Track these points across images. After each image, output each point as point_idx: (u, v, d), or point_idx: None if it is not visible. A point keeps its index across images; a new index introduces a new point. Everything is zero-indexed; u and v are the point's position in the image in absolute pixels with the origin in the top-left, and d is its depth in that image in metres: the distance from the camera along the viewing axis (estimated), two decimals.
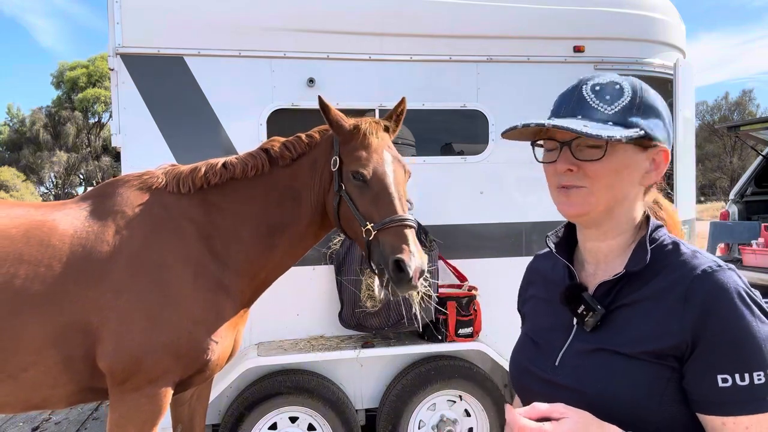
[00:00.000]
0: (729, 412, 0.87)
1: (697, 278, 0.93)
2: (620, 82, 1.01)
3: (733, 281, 0.91)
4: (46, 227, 2.14)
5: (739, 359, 0.87)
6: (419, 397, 3.39)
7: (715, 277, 0.92)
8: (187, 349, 2.14)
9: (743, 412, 0.86)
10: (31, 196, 31.23)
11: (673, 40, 4.04)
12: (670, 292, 0.95)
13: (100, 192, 2.34)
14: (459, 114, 3.63)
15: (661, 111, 1.02)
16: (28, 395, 2.11)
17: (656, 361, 0.93)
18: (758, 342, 0.87)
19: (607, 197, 1.00)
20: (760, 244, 6.09)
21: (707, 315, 0.90)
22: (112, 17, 3.10)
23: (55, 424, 4.85)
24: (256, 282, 2.39)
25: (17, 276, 2.03)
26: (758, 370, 0.86)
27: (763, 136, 7.40)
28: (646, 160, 1.01)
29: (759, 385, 0.86)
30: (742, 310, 0.89)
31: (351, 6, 3.41)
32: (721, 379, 0.87)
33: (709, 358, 0.89)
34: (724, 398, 0.88)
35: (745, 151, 30.68)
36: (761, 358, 0.87)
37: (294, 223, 2.35)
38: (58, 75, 34.56)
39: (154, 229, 2.21)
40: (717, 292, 0.91)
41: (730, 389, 0.87)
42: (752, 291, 0.92)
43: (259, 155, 2.36)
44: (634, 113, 0.99)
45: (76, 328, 2.06)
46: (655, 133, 1.00)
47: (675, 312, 0.93)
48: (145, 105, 3.18)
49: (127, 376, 2.08)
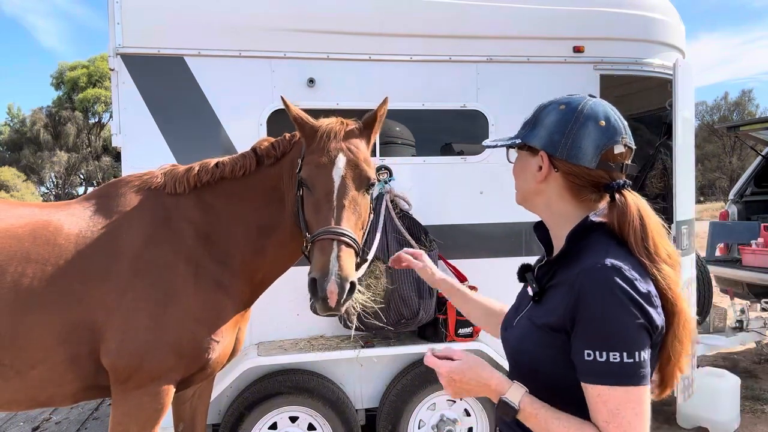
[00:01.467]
0: (589, 381, 1.10)
1: (581, 272, 1.14)
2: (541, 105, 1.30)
3: (609, 275, 1.10)
4: (52, 227, 2.17)
5: (599, 340, 1.08)
6: (419, 397, 3.39)
7: (593, 273, 1.12)
8: (189, 348, 2.17)
9: (597, 382, 1.08)
10: (32, 196, 31.23)
11: (673, 41, 4.04)
12: (570, 280, 1.16)
13: (104, 192, 2.37)
14: (459, 114, 3.63)
15: (548, 123, 1.26)
16: (34, 393, 2.13)
17: (551, 332, 1.17)
18: (618, 329, 1.07)
19: (520, 190, 1.35)
20: (759, 244, 6.08)
21: (580, 301, 1.11)
22: (113, 17, 3.11)
23: (56, 423, 4.85)
24: (254, 282, 2.39)
25: (25, 275, 2.06)
26: (614, 351, 1.06)
27: (763, 136, 7.39)
28: (536, 163, 1.28)
29: (614, 363, 1.06)
30: (608, 302, 1.08)
31: (351, 6, 3.42)
32: (587, 353, 1.09)
33: (581, 336, 1.11)
34: (587, 368, 1.09)
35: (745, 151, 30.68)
36: (617, 342, 1.07)
37: (280, 225, 2.28)
38: (58, 75, 34.55)
39: (155, 230, 2.24)
40: (590, 284, 1.11)
41: (592, 362, 1.08)
42: (634, 288, 1.08)
43: (248, 155, 2.34)
44: (527, 127, 1.30)
45: (82, 326, 2.09)
46: (531, 141, 1.27)
47: (566, 297, 1.15)
48: (146, 105, 3.19)
49: (129, 373, 2.10)
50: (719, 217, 7.30)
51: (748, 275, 5.96)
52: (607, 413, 1.07)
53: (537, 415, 1.13)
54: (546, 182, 1.27)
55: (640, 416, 1.06)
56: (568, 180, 1.25)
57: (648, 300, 1.09)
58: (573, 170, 1.23)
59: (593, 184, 1.23)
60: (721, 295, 6.92)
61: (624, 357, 1.06)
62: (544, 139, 1.26)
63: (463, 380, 1.21)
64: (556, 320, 1.16)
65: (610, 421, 1.06)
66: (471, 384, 1.21)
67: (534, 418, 1.13)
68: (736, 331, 5.06)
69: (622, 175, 1.23)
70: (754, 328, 5.12)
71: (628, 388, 1.06)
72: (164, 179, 2.35)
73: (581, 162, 1.21)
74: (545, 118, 1.27)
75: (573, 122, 1.23)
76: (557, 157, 1.24)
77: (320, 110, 3.45)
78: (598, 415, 1.08)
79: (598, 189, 1.24)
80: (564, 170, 1.24)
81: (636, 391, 1.06)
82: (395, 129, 3.59)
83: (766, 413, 4.69)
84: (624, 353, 1.06)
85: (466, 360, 1.23)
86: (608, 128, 1.22)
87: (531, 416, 1.14)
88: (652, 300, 1.10)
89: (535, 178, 1.28)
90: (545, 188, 1.28)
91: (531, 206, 1.35)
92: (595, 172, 1.22)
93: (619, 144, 1.22)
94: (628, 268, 1.11)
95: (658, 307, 1.11)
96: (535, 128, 1.28)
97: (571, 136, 1.22)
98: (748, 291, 6.06)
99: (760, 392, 5.13)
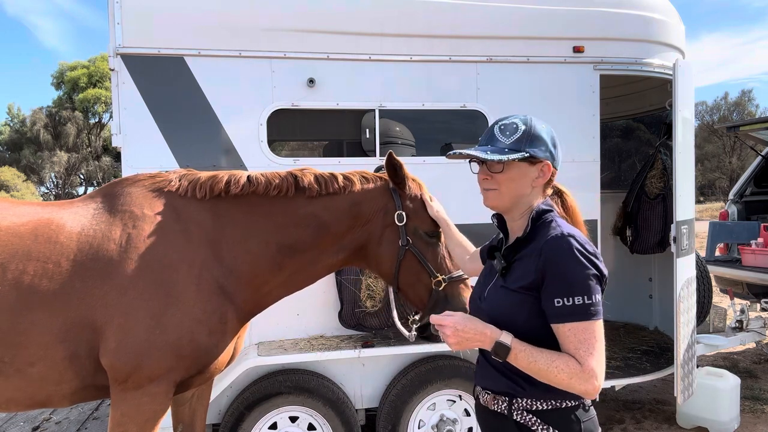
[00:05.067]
0: (560, 321, 1.43)
1: (545, 243, 1.49)
2: (518, 122, 1.58)
3: (567, 242, 1.46)
4: (53, 225, 2.17)
5: (565, 289, 1.43)
6: (419, 397, 3.39)
7: (556, 239, 1.48)
8: (189, 350, 2.17)
9: (567, 321, 1.42)
10: (32, 196, 31.22)
11: (673, 41, 4.04)
12: (535, 250, 1.51)
13: (108, 191, 2.36)
14: (459, 114, 3.63)
15: (545, 139, 1.57)
16: (33, 391, 2.13)
17: (525, 292, 1.51)
18: (578, 278, 1.42)
19: (510, 196, 1.59)
20: (759, 244, 6.09)
21: (547, 263, 1.46)
22: (113, 17, 3.11)
23: (56, 423, 4.85)
24: (260, 294, 2.40)
25: (26, 272, 2.06)
26: (577, 296, 1.41)
27: (763, 137, 7.39)
28: (535, 171, 1.58)
29: (578, 305, 1.41)
30: (569, 259, 1.44)
31: (351, 6, 3.42)
32: (556, 301, 1.43)
33: (549, 289, 1.45)
34: (557, 312, 1.43)
35: (745, 151, 30.68)
36: (578, 289, 1.42)
37: (308, 249, 2.38)
38: (59, 75, 34.55)
39: (161, 230, 2.23)
40: (555, 248, 1.47)
41: (561, 307, 1.43)
42: (586, 249, 1.45)
43: (286, 179, 2.37)
44: (524, 142, 1.55)
45: (82, 325, 2.09)
46: (537, 154, 1.55)
47: (534, 262, 1.49)
48: (146, 105, 3.19)
49: (128, 373, 2.10)
50: (719, 217, 7.30)
51: (748, 275, 5.96)
52: (576, 342, 1.41)
53: (525, 350, 1.44)
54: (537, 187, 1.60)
55: (599, 341, 1.42)
56: (550, 181, 1.62)
57: (596, 257, 1.46)
58: (555, 173, 1.62)
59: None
60: (721, 295, 6.93)
61: (585, 299, 1.41)
62: (545, 152, 1.57)
63: (465, 329, 1.48)
64: (529, 282, 1.49)
65: (579, 347, 1.41)
66: (470, 333, 1.48)
67: (522, 353, 1.44)
68: (736, 331, 5.06)
69: None
70: (754, 328, 5.11)
71: (589, 321, 1.41)
72: (180, 182, 2.35)
73: (558, 165, 1.60)
74: (542, 132, 1.57)
75: (555, 136, 1.60)
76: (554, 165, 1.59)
77: (320, 110, 3.47)
78: (570, 345, 1.42)
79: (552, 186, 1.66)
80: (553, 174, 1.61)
81: (595, 323, 1.42)
82: (395, 129, 3.60)
83: (766, 413, 4.69)
84: (584, 296, 1.41)
85: (465, 315, 1.55)
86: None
87: (520, 352, 1.44)
88: (598, 256, 1.47)
89: (532, 184, 1.59)
90: (534, 192, 1.60)
91: (513, 206, 1.62)
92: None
93: None
94: (579, 235, 1.50)
95: (602, 261, 1.48)
96: (534, 141, 1.55)
97: (558, 148, 1.59)
98: (748, 291, 6.06)
99: (760, 392, 5.13)
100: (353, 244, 2.42)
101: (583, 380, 1.38)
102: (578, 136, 3.73)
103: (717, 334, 4.93)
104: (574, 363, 1.39)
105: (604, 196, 3.97)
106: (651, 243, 4.86)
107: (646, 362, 4.40)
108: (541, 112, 3.71)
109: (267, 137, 3.34)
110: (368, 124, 3.49)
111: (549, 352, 1.43)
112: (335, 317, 3.42)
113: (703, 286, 5.16)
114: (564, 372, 1.39)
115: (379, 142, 3.48)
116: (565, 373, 1.39)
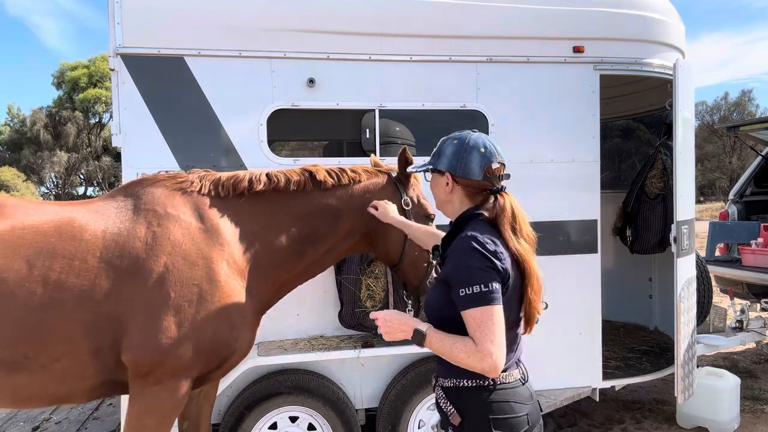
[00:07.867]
0: (463, 308, 1.64)
1: (453, 242, 1.75)
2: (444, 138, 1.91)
3: (468, 241, 1.67)
4: (76, 223, 2.22)
5: (464, 279, 1.64)
6: (419, 397, 3.39)
7: (460, 239, 1.71)
8: (211, 345, 2.23)
9: (468, 308, 1.62)
10: (32, 196, 31.17)
11: (673, 41, 4.04)
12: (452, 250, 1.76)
13: (129, 191, 2.41)
14: (459, 114, 3.63)
15: (448, 153, 1.85)
16: (56, 387, 2.17)
17: (443, 285, 1.73)
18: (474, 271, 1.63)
19: (436, 201, 1.95)
20: (759, 244, 6.09)
21: (451, 259, 1.71)
22: (113, 17, 3.11)
23: (56, 423, 4.85)
24: (278, 285, 2.54)
25: (53, 269, 2.11)
26: (474, 285, 1.61)
27: (763, 137, 7.39)
28: (444, 181, 1.87)
29: (476, 293, 1.61)
30: (468, 254, 1.65)
31: (351, 6, 3.42)
32: (460, 291, 1.64)
33: (455, 282, 1.67)
34: (461, 301, 1.64)
35: (745, 152, 30.68)
36: (475, 280, 1.62)
37: (328, 236, 2.62)
38: (59, 75, 34.54)
39: (185, 228, 2.30)
40: (458, 246, 1.70)
41: (463, 296, 1.63)
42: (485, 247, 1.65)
43: (303, 174, 2.61)
44: (434, 156, 1.91)
45: (107, 320, 2.14)
46: (438, 166, 1.88)
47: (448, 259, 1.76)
48: (146, 105, 3.19)
49: (151, 368, 2.15)
50: (719, 217, 7.30)
51: (748, 275, 5.96)
52: (476, 325, 1.60)
53: (436, 336, 1.66)
54: (452, 193, 1.86)
55: (497, 324, 1.60)
56: (466, 189, 1.84)
57: (494, 254, 1.65)
58: (468, 183, 1.82)
59: (482, 190, 1.83)
60: (721, 295, 6.93)
61: (481, 287, 1.61)
62: (446, 164, 1.85)
63: (393, 322, 1.73)
64: (444, 277, 1.74)
65: (476, 330, 1.60)
66: (396, 323, 1.72)
67: (434, 338, 1.66)
68: (736, 331, 5.06)
69: (500, 183, 1.83)
70: (754, 328, 5.12)
71: (486, 306, 1.61)
72: (201, 182, 2.45)
73: (472, 177, 1.80)
74: (446, 150, 1.86)
75: (463, 151, 1.82)
76: (457, 175, 1.82)
77: (320, 110, 3.47)
78: (470, 329, 1.62)
79: (485, 193, 1.83)
80: (462, 183, 1.83)
81: (492, 308, 1.61)
82: (395, 129, 3.59)
83: (766, 413, 4.69)
84: (480, 285, 1.61)
85: (394, 310, 1.82)
86: (486, 153, 1.81)
87: (433, 338, 1.66)
88: (497, 254, 1.66)
89: (445, 191, 1.87)
90: (452, 197, 1.87)
91: (444, 210, 1.92)
92: (481, 183, 1.81)
93: (495, 162, 1.81)
94: (482, 235, 1.68)
95: (503, 260, 1.66)
96: (440, 157, 1.87)
97: (463, 161, 1.82)
98: (748, 291, 6.06)
99: (760, 392, 5.13)
100: (362, 229, 2.68)
101: (478, 359, 1.58)
102: (578, 136, 3.73)
103: (717, 334, 4.93)
104: (471, 344, 1.60)
105: (604, 196, 3.97)
106: (651, 243, 4.86)
107: (646, 362, 4.40)
108: (540, 112, 3.71)
109: (267, 137, 3.34)
110: (368, 124, 3.49)
111: (456, 336, 1.65)
112: (335, 317, 3.42)
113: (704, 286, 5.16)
114: (463, 352, 1.60)
115: (379, 142, 3.48)
116: (464, 353, 1.60)
